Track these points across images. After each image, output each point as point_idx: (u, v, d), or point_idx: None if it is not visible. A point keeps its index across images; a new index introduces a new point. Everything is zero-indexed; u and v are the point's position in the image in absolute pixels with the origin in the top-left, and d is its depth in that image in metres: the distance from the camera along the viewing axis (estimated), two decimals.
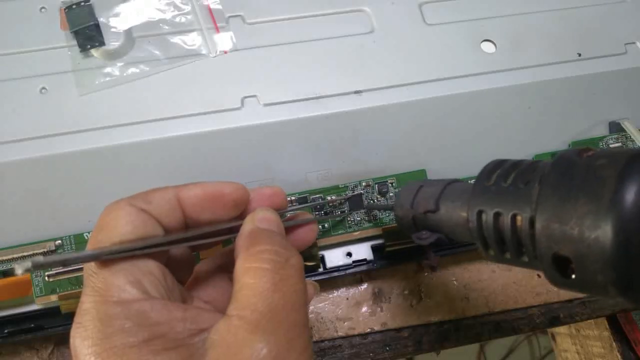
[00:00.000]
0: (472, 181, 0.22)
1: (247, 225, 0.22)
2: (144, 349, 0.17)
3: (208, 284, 0.24)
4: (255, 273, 0.19)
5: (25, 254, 0.29)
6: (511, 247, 0.19)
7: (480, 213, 0.20)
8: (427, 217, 0.24)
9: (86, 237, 0.29)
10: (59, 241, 0.29)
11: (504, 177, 0.20)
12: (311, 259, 0.31)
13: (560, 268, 0.17)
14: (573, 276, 0.17)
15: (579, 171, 0.17)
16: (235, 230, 0.23)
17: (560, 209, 0.17)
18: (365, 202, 0.32)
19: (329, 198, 0.31)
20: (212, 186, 0.23)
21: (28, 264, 0.17)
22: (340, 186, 0.32)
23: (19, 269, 0.17)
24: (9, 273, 0.30)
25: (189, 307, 0.20)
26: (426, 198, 0.24)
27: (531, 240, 0.18)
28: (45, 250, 0.29)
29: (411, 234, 0.26)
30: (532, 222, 0.18)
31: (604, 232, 0.15)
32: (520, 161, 0.20)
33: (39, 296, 0.28)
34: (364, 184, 0.32)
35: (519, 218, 0.19)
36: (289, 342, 0.18)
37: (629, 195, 0.15)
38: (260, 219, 0.22)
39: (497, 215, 0.19)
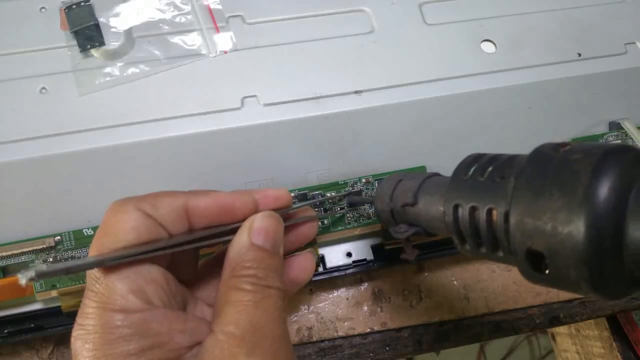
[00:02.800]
0: None
1: (242, 237, 0.22)
2: (142, 357, 0.18)
3: (209, 284, 0.24)
4: (238, 292, 0.20)
5: (25, 249, 0.29)
6: (486, 241, 0.19)
7: (456, 207, 0.20)
8: (406, 211, 0.24)
9: (85, 234, 0.29)
10: (58, 237, 0.29)
11: (480, 171, 0.20)
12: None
13: (533, 263, 0.17)
14: (547, 271, 0.17)
15: (554, 165, 0.17)
16: (236, 231, 0.23)
17: (534, 203, 0.16)
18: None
19: (328, 195, 0.31)
20: (223, 198, 0.23)
21: (32, 273, 0.17)
22: (340, 183, 0.32)
23: (22, 279, 0.17)
24: (8, 269, 0.30)
25: (189, 317, 0.20)
26: (405, 191, 0.24)
27: (506, 235, 0.18)
28: (45, 246, 0.29)
29: (389, 227, 0.26)
30: (506, 217, 0.18)
31: (576, 227, 0.15)
32: (498, 155, 0.20)
33: (39, 291, 0.29)
34: (363, 180, 0.32)
35: (494, 212, 0.18)
36: (274, 355, 0.19)
37: (602, 190, 0.15)
38: (257, 230, 0.22)
39: (472, 209, 0.19)
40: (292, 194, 0.31)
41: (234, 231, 0.22)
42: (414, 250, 0.26)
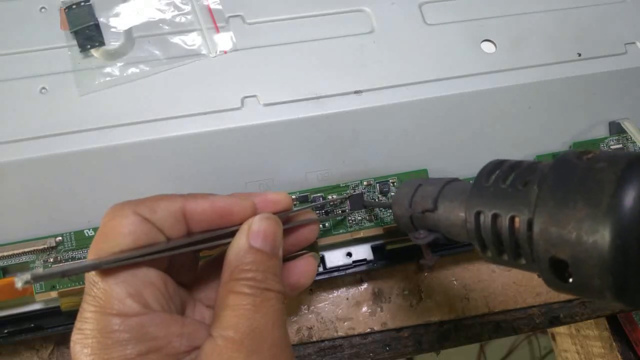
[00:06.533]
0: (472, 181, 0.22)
1: (241, 240, 0.22)
2: None
3: (209, 286, 0.24)
4: (237, 296, 0.20)
5: (26, 249, 0.29)
6: (509, 249, 0.19)
7: (478, 214, 0.20)
8: (425, 217, 0.24)
9: (86, 234, 0.29)
10: (60, 237, 0.29)
11: (502, 178, 0.20)
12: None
13: (557, 271, 0.17)
14: (570, 280, 0.17)
15: (578, 174, 0.17)
16: (235, 234, 0.22)
17: (558, 212, 0.16)
18: (366, 200, 0.31)
19: (329, 197, 0.31)
20: (221, 202, 0.22)
21: (27, 276, 0.17)
22: (341, 185, 0.32)
23: (19, 282, 0.17)
24: (9, 269, 0.30)
25: (187, 321, 0.20)
26: (424, 197, 0.24)
27: (529, 243, 0.18)
28: (46, 246, 0.29)
29: (409, 233, 0.26)
30: (530, 225, 0.18)
31: (601, 236, 0.15)
32: (520, 162, 0.20)
33: (39, 292, 0.28)
34: (365, 183, 0.32)
35: (517, 220, 0.18)
36: (273, 359, 0.19)
37: (628, 200, 0.15)
38: (255, 233, 0.22)
39: (495, 216, 0.19)
40: (293, 196, 0.31)
41: (232, 234, 0.22)
42: (433, 255, 0.26)
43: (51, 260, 0.29)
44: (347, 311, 0.35)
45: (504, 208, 0.19)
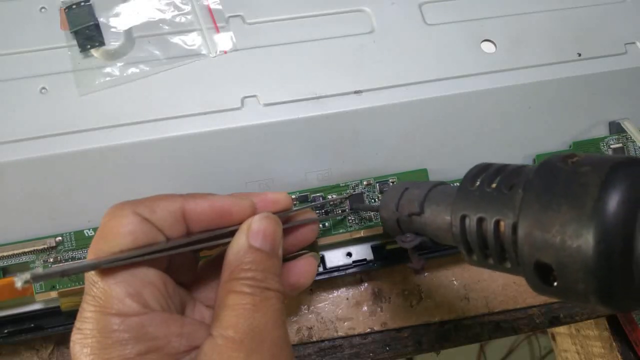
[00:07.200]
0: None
1: (240, 239, 0.22)
2: None
3: (209, 286, 0.24)
4: (237, 295, 0.20)
5: (26, 250, 0.29)
6: (494, 252, 0.19)
7: (463, 218, 0.20)
8: (412, 220, 0.24)
9: (86, 234, 0.29)
10: (59, 237, 0.29)
11: (488, 181, 0.20)
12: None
13: (542, 275, 0.17)
14: (555, 284, 0.17)
15: (563, 178, 0.17)
16: (234, 233, 0.22)
17: (542, 216, 0.16)
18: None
19: (329, 197, 0.31)
20: (220, 202, 0.22)
21: (27, 276, 0.17)
22: (341, 185, 0.32)
23: (18, 282, 0.17)
24: (9, 269, 0.30)
25: (187, 320, 0.20)
26: (411, 200, 0.24)
27: (514, 247, 0.18)
28: (46, 246, 0.29)
29: (395, 236, 0.26)
30: (514, 228, 0.18)
31: (585, 240, 0.15)
32: (505, 165, 0.20)
33: (39, 292, 0.28)
34: (365, 183, 0.32)
35: (502, 224, 0.18)
36: (273, 358, 0.19)
37: (612, 204, 0.15)
38: (255, 232, 0.22)
39: (480, 220, 0.19)
40: (293, 196, 0.31)
41: (232, 233, 0.22)
42: (420, 259, 0.26)
43: (51, 260, 0.29)
44: (347, 311, 0.35)
45: (489, 212, 0.19)
